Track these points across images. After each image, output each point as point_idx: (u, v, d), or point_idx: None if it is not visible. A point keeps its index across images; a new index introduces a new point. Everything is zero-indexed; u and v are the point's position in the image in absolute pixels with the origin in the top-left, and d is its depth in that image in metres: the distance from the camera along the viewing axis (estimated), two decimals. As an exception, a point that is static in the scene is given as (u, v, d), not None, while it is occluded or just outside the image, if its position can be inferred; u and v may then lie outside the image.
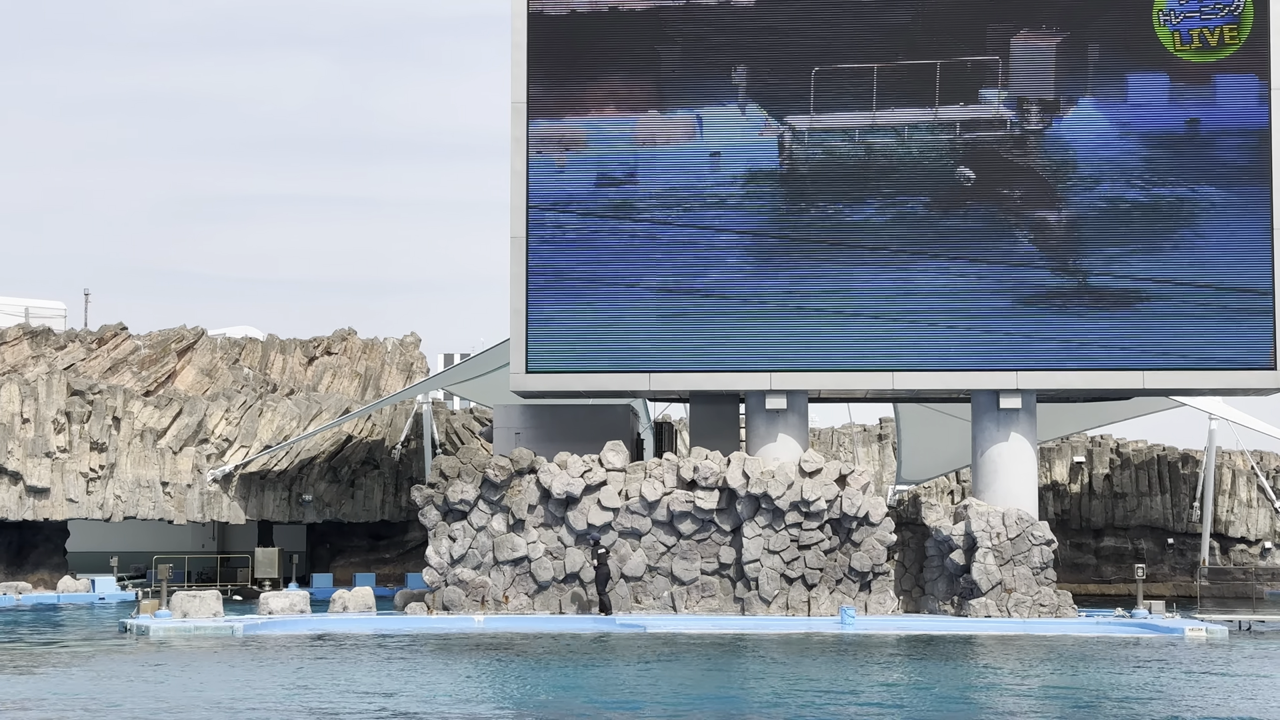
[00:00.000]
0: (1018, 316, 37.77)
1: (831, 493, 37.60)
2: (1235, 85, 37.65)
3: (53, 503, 48.03)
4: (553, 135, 38.82)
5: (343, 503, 51.00)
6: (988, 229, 37.95)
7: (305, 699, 23.45)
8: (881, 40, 38.29)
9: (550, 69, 38.88)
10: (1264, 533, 51.86)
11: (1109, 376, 37.89)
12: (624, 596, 37.81)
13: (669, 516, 37.87)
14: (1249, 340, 37.33)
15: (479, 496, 38.23)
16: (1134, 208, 37.75)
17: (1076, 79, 37.95)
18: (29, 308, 56.62)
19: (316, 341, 55.24)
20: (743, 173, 38.49)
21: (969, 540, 37.53)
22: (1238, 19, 37.67)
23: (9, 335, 51.22)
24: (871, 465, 55.24)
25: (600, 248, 38.63)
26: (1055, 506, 52.16)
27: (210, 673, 26.98)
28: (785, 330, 38.15)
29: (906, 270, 38.01)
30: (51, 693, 24.22)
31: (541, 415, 40.67)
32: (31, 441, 47.87)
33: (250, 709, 22.39)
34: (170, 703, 23.05)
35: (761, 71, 38.52)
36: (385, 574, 51.04)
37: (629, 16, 38.89)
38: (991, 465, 38.83)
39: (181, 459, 49.08)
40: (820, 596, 37.57)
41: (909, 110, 38.22)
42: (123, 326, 52.66)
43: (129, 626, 35.11)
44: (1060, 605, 37.44)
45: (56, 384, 48.40)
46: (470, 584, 37.99)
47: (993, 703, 23.83)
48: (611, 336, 38.50)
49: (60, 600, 46.34)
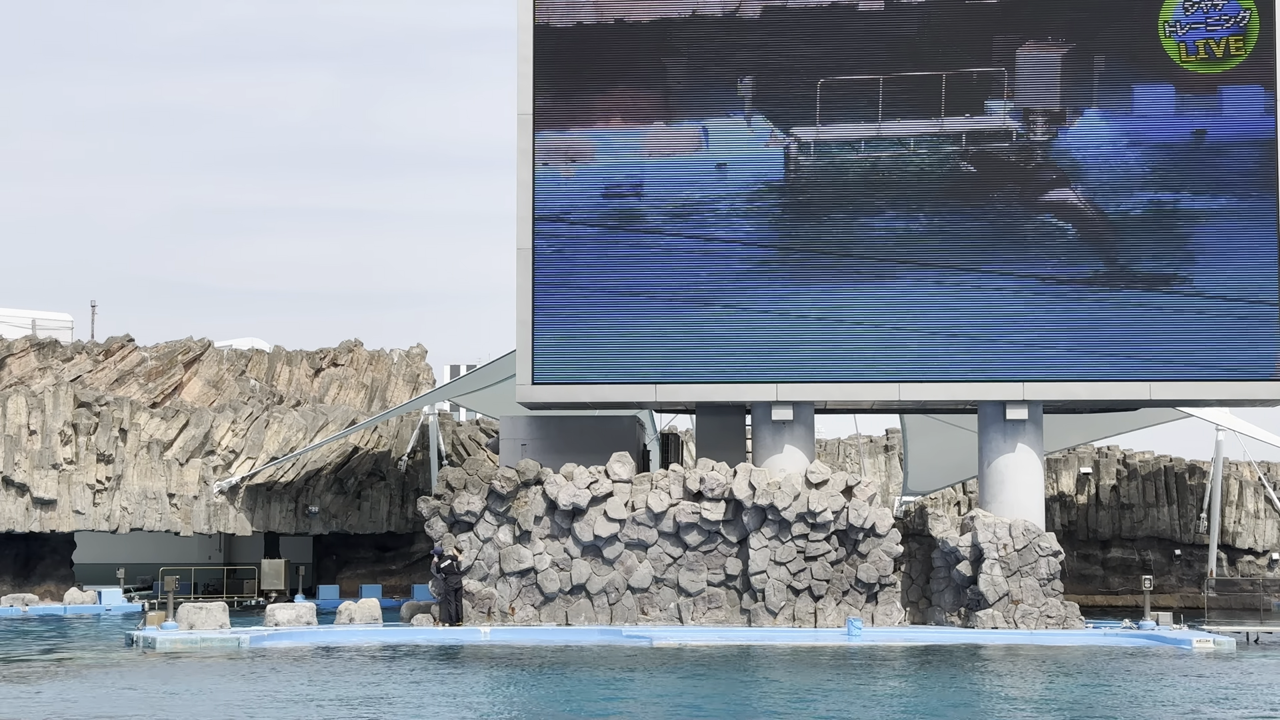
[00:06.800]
0: (1024, 327, 37.74)
1: (838, 504, 37.57)
2: (1241, 96, 37.64)
3: (59, 514, 48.07)
4: (559, 147, 38.85)
5: (349, 514, 51.01)
6: (994, 240, 37.93)
7: (311, 711, 23.43)
8: (887, 52, 38.30)
9: (556, 81, 38.92)
10: (1271, 544, 51.80)
11: (1116, 388, 37.86)
12: (630, 608, 37.79)
13: (675, 528, 37.85)
14: (1256, 351, 37.29)
15: (485, 508, 38.22)
16: (1140, 219, 37.72)
17: (1082, 90, 37.96)
18: (36, 320, 56.66)
19: (323, 353, 55.28)
20: (749, 184, 38.50)
21: (976, 551, 37.49)
22: (1244, 30, 37.67)
23: (16, 347, 51.28)
24: (878, 476, 55.23)
25: (606, 259, 38.64)
26: (1062, 517, 52.11)
27: (216, 684, 26.97)
28: (791, 341, 38.13)
29: (912, 281, 37.98)
30: (57, 705, 24.21)
31: (548, 427, 40.66)
32: (38, 453, 47.91)
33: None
34: (176, 715, 23.04)
35: (767, 83, 38.54)
36: (391, 586, 51.02)
37: (635, 28, 38.93)
38: (998, 476, 38.80)
39: (188, 471, 49.11)
40: (827, 608, 37.52)
41: (915, 121, 38.22)
42: (129, 338, 52.72)
43: (135, 638, 35.10)
44: (1067, 616, 37.38)
45: (63, 396, 48.45)
46: (476, 595, 37.97)
47: (999, 714, 23.78)
48: (617, 348, 38.49)
49: (66, 612, 46.36)
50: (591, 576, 37.92)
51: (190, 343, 53.02)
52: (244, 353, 54.26)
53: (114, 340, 52.57)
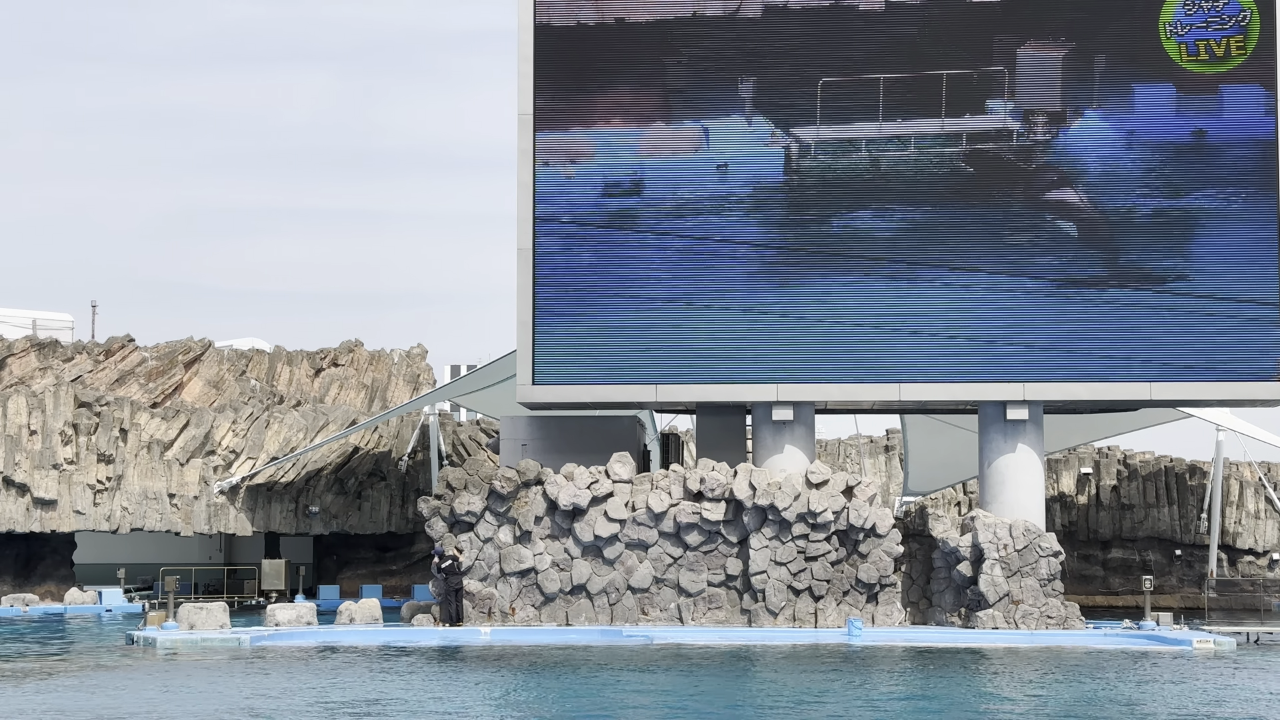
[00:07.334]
0: (1024, 328, 37.73)
1: (838, 504, 37.57)
2: (1242, 96, 37.64)
3: (60, 514, 48.08)
4: (559, 147, 38.85)
5: (349, 514, 51.02)
6: (994, 240, 37.92)
7: (311, 711, 23.44)
8: (888, 51, 38.30)
9: (557, 81, 38.92)
10: (1272, 544, 51.79)
11: (1116, 388, 37.85)
12: (631, 608, 37.78)
13: (675, 528, 37.85)
14: (1256, 351, 37.28)
15: (485, 508, 38.22)
16: (1141, 218, 37.72)
17: (1083, 90, 37.95)
18: (36, 320, 56.68)
19: (323, 353, 55.29)
20: (749, 184, 38.50)
21: (976, 552, 37.48)
22: (1244, 30, 37.66)
23: (16, 347, 51.28)
24: (878, 476, 55.22)
25: (607, 259, 38.63)
26: (1062, 518, 52.11)
27: (217, 685, 26.97)
28: (791, 341, 38.13)
29: (913, 281, 37.98)
30: (56, 705, 24.21)
31: (548, 427, 40.66)
32: (39, 453, 47.92)
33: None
34: (176, 715, 23.03)
35: (768, 83, 38.53)
36: (392, 586, 51.03)
37: (635, 28, 38.93)
38: (999, 476, 38.79)
39: (188, 471, 49.12)
40: (827, 608, 37.52)
41: (915, 121, 38.22)
42: (130, 338, 52.73)
43: (135, 638, 35.12)
44: (1068, 617, 37.38)
45: (64, 396, 48.46)
46: (477, 596, 37.97)
47: (999, 714, 23.77)
48: (618, 348, 38.49)
49: (67, 612, 46.37)
50: (592, 577, 37.92)
51: (191, 343, 53.02)
52: (244, 353, 54.27)
53: (114, 340, 52.57)
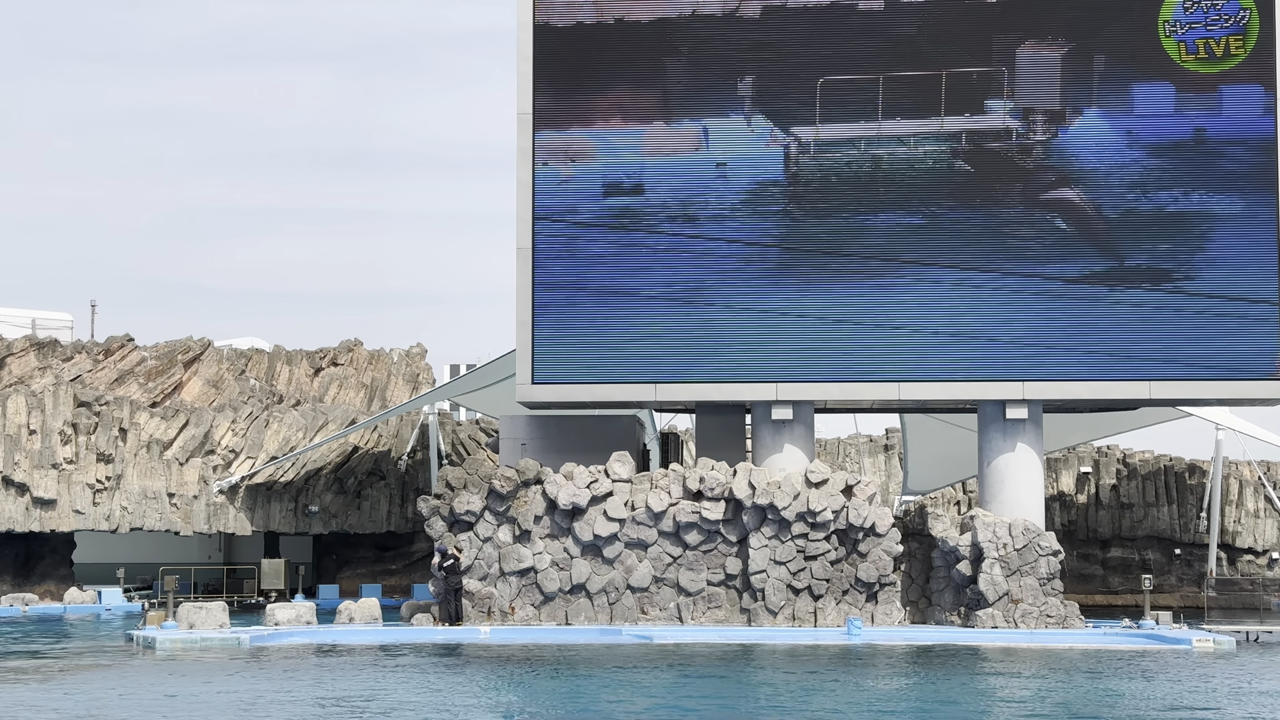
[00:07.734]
0: (1024, 327, 37.73)
1: (838, 503, 37.57)
2: (1241, 95, 37.64)
3: (59, 514, 48.08)
4: (559, 146, 38.85)
5: (349, 514, 51.03)
6: (994, 240, 37.92)
7: (311, 710, 23.44)
8: (887, 51, 38.30)
9: (556, 80, 38.92)
10: (1271, 543, 51.80)
11: (1115, 387, 37.85)
12: (630, 608, 37.79)
13: (675, 527, 37.85)
14: (1256, 350, 37.29)
15: (485, 507, 38.22)
16: (1140, 218, 37.73)
17: (1082, 89, 37.96)
18: (36, 319, 56.67)
19: (323, 353, 55.29)
20: (749, 183, 38.49)
21: (975, 551, 37.49)
22: (1243, 29, 37.67)
23: (16, 347, 51.28)
24: (878, 476, 55.23)
25: (606, 259, 38.63)
26: (1062, 517, 52.11)
27: (216, 684, 26.97)
28: (791, 341, 38.13)
29: (912, 281, 37.98)
30: (55, 704, 24.21)
31: (547, 426, 40.66)
32: (38, 453, 47.92)
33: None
34: (176, 715, 23.04)
35: (767, 83, 38.53)
36: (391, 585, 51.04)
37: (635, 28, 38.93)
38: (998, 476, 38.80)
39: (188, 470, 49.12)
40: (827, 607, 37.52)
41: (915, 121, 38.22)
42: (129, 338, 52.72)
43: (135, 638, 35.12)
44: (1067, 616, 37.39)
45: (63, 395, 48.45)
46: (476, 595, 37.97)
47: (998, 714, 23.78)
48: (617, 347, 38.48)
49: (66, 611, 46.36)
50: (591, 576, 37.92)
51: (190, 342, 53.01)
52: (244, 352, 54.27)
53: (114, 340, 52.57)
